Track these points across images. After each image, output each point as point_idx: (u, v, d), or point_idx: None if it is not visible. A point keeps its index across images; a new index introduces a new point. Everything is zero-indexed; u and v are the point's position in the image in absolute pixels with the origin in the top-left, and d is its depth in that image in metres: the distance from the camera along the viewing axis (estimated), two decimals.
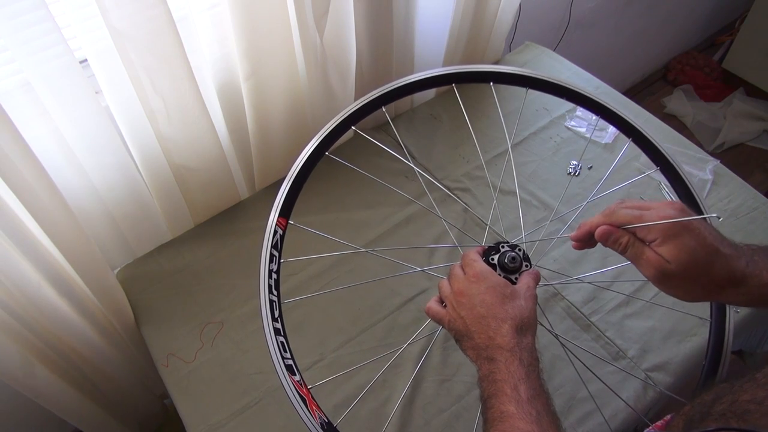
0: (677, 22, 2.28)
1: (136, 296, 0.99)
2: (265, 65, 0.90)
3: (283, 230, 0.69)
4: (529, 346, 0.55)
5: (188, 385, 0.89)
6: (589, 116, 1.24)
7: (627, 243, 0.55)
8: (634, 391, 0.87)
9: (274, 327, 0.63)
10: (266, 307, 0.63)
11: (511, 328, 0.55)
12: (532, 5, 1.50)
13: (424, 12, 1.12)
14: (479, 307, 0.57)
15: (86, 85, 0.74)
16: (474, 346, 0.57)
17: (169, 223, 1.04)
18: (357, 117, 0.74)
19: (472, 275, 0.60)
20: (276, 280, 0.65)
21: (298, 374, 0.62)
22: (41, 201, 0.74)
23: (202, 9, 0.83)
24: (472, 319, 0.58)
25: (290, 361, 0.62)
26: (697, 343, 0.92)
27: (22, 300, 0.79)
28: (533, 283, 0.61)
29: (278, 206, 0.70)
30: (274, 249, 0.67)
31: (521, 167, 1.16)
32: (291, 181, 0.71)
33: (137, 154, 0.89)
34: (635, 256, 0.55)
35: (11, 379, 0.82)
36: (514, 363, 0.53)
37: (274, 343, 0.62)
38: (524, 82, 0.79)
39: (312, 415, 0.59)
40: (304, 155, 0.72)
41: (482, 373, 0.55)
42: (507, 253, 0.63)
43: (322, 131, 0.73)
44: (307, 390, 0.61)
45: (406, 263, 0.92)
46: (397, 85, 0.76)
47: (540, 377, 0.54)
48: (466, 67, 0.78)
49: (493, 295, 0.58)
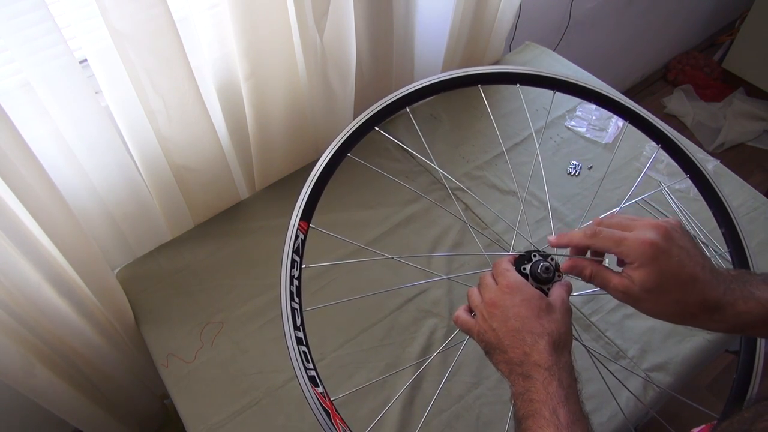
0: (677, 22, 2.28)
1: (136, 296, 0.99)
2: (265, 65, 0.90)
3: (305, 234, 0.65)
4: (568, 365, 0.53)
5: (188, 385, 0.89)
6: (589, 116, 1.24)
7: (590, 274, 0.56)
8: (635, 390, 0.87)
9: (296, 336, 0.59)
10: (288, 314, 0.60)
11: (548, 344, 0.53)
12: (532, 5, 1.50)
13: (424, 12, 1.12)
14: (513, 320, 0.55)
15: (86, 85, 0.74)
16: (507, 361, 0.55)
17: (169, 223, 1.04)
18: (380, 117, 0.72)
19: (505, 286, 0.57)
20: (298, 287, 0.62)
21: (321, 386, 0.58)
22: (41, 201, 0.74)
23: (202, 9, 0.83)
24: (505, 332, 0.55)
25: (313, 372, 0.58)
26: (697, 343, 0.92)
27: (22, 300, 0.79)
28: (566, 296, 0.58)
29: (299, 209, 0.66)
30: (295, 254, 0.63)
31: (521, 167, 1.16)
32: (312, 184, 0.67)
33: (137, 154, 0.89)
34: (602, 283, 0.55)
35: (11, 379, 0.82)
36: (553, 384, 0.50)
37: (296, 352, 0.58)
38: (551, 84, 0.76)
39: (336, 428, 0.57)
40: (326, 156, 0.68)
41: (516, 390, 0.53)
42: (540, 263, 0.60)
43: (344, 132, 0.69)
44: (330, 403, 0.58)
45: (428, 269, 0.89)
46: (422, 85, 0.73)
47: (579, 400, 0.52)
48: (492, 68, 0.76)
49: (529, 308, 0.55)
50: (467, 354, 0.88)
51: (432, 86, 0.74)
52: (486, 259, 0.93)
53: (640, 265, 0.51)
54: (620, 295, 0.54)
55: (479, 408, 0.86)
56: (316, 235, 0.68)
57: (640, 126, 0.78)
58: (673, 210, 1.08)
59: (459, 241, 1.05)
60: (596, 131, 1.22)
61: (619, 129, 1.21)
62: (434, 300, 0.97)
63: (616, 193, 1.10)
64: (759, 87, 2.34)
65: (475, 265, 1.02)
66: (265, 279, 1.00)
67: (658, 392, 0.87)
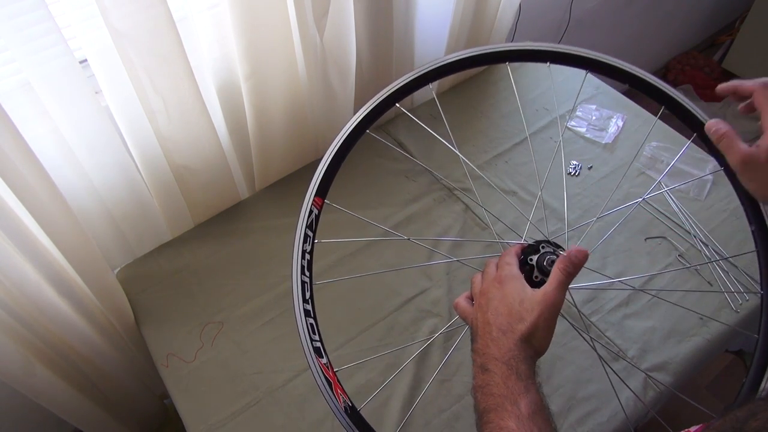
0: (677, 22, 2.28)
1: (136, 296, 0.99)
2: (265, 65, 0.90)
3: (319, 210, 0.66)
4: (528, 358, 0.53)
5: (188, 385, 0.89)
6: (589, 116, 1.24)
7: (723, 134, 0.65)
8: (635, 390, 0.87)
9: (304, 308, 0.62)
10: (298, 287, 0.62)
11: (511, 340, 0.54)
12: (532, 5, 1.50)
13: (424, 12, 1.12)
14: (490, 313, 0.57)
15: (86, 85, 0.74)
16: (476, 349, 0.57)
17: (169, 223, 1.04)
18: (402, 93, 0.71)
19: (497, 278, 0.59)
20: (309, 261, 0.64)
21: (325, 357, 0.61)
22: (41, 201, 0.74)
23: (202, 9, 0.83)
24: (482, 323, 0.57)
25: (318, 343, 0.61)
26: (696, 343, 0.92)
27: (22, 300, 0.79)
28: (550, 294, 0.54)
29: (315, 185, 0.67)
30: (308, 229, 0.65)
31: (521, 167, 1.16)
32: (330, 159, 0.67)
33: (137, 154, 0.89)
34: (728, 146, 0.64)
35: (11, 379, 0.82)
36: (512, 377, 0.52)
37: (303, 324, 0.61)
38: (583, 63, 0.76)
39: (336, 398, 0.59)
40: (345, 131, 0.68)
41: (477, 382, 0.55)
42: (547, 255, 0.59)
43: (366, 107, 0.69)
44: (333, 373, 0.61)
45: (440, 251, 0.89)
46: (447, 61, 0.71)
47: (539, 391, 0.53)
48: (523, 45, 0.75)
49: (505, 304, 0.56)
50: (467, 354, 0.88)
51: (458, 62, 0.72)
52: (499, 247, 0.93)
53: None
54: (740, 163, 0.62)
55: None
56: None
57: (678, 113, 0.77)
58: (673, 210, 1.08)
59: (458, 243, 1.05)
60: (596, 131, 1.22)
61: (619, 129, 1.21)
62: (434, 300, 0.97)
63: (616, 193, 1.10)
64: None
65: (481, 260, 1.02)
66: (265, 279, 1.01)
67: (658, 392, 0.87)
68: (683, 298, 0.97)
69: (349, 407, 0.59)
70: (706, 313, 0.95)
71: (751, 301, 0.97)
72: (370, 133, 0.70)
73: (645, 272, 1.00)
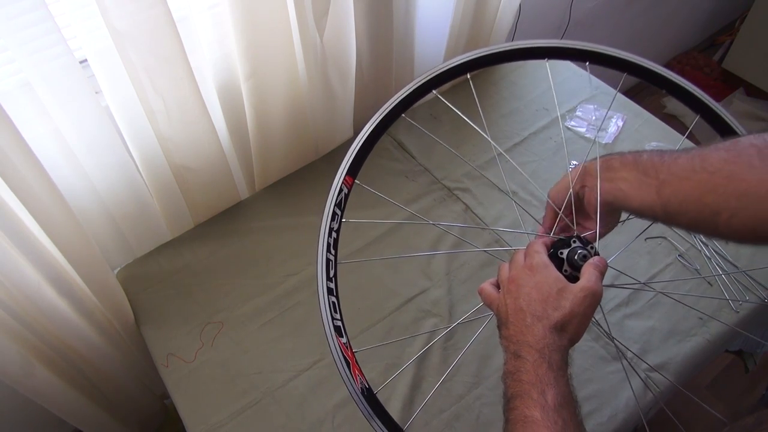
0: (677, 22, 2.28)
1: (136, 296, 0.99)
2: (265, 65, 0.90)
3: (349, 189, 0.67)
4: (562, 348, 0.53)
5: (188, 385, 0.89)
6: (589, 116, 1.24)
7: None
8: (635, 390, 0.87)
9: (327, 286, 0.62)
10: (323, 264, 0.62)
11: (545, 328, 0.53)
12: (532, 5, 1.50)
13: (424, 12, 1.12)
14: (522, 299, 0.56)
15: (86, 85, 0.74)
16: (507, 336, 0.56)
17: (169, 223, 1.04)
18: (439, 81, 0.71)
19: (528, 265, 0.59)
20: (335, 239, 0.64)
21: (345, 336, 0.61)
22: (41, 201, 0.74)
23: (202, 9, 0.83)
24: (513, 309, 0.57)
25: (339, 322, 0.62)
26: (696, 343, 0.92)
27: (22, 300, 0.79)
28: (593, 283, 0.56)
29: (347, 164, 0.67)
30: (337, 207, 0.65)
31: (521, 167, 1.16)
32: (364, 138, 0.68)
33: (137, 154, 0.89)
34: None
35: (11, 380, 0.82)
36: (543, 366, 0.51)
37: (325, 302, 0.62)
38: (622, 67, 0.77)
39: (354, 379, 0.59)
40: (383, 111, 0.68)
41: (507, 368, 0.55)
42: (578, 249, 0.60)
43: (405, 89, 0.69)
44: (352, 353, 0.61)
45: (467, 240, 0.93)
46: (485, 53, 0.73)
47: (569, 383, 0.52)
48: (561, 43, 0.76)
49: (539, 291, 0.56)
50: (467, 354, 0.88)
51: (498, 54, 0.73)
52: (527, 238, 0.93)
53: None
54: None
55: (479, 408, 0.86)
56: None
57: (692, 105, 0.76)
58: None
59: (459, 242, 1.05)
60: (596, 131, 1.21)
61: (619, 129, 1.21)
62: (434, 300, 0.97)
63: None
64: (759, 87, 2.34)
65: (482, 260, 1.02)
66: (265, 279, 1.00)
67: (659, 392, 0.87)
68: (683, 299, 0.97)
69: (366, 389, 0.59)
70: (706, 313, 0.95)
71: (751, 302, 0.97)
72: (405, 117, 0.70)
73: (645, 272, 1.00)
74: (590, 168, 0.63)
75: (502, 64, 0.74)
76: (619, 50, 0.76)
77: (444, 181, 1.14)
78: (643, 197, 0.56)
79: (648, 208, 0.56)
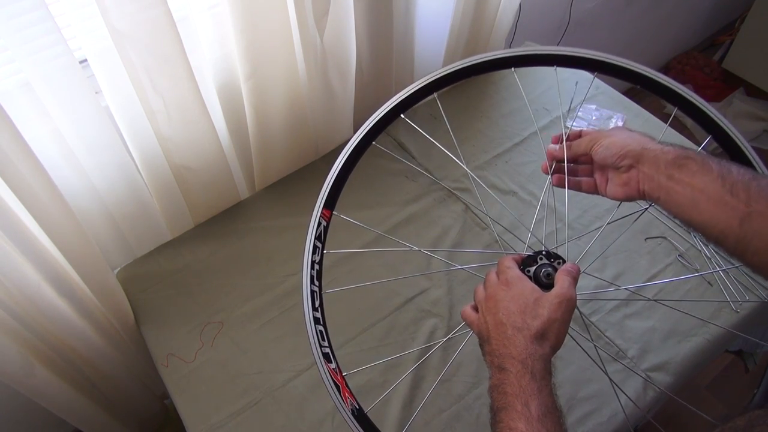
0: (677, 23, 2.28)
1: (136, 296, 0.99)
2: (265, 65, 0.90)
3: (327, 222, 0.70)
4: (544, 356, 0.54)
5: (188, 385, 0.89)
6: (589, 116, 1.24)
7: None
8: (635, 391, 0.87)
9: (314, 316, 0.65)
10: (308, 296, 0.65)
11: (526, 337, 0.54)
12: (532, 5, 1.50)
13: (424, 12, 1.12)
14: (501, 313, 0.57)
15: (86, 85, 0.74)
16: (490, 351, 0.57)
17: (169, 223, 1.04)
18: (407, 104, 0.74)
19: (503, 281, 0.61)
20: (318, 271, 0.67)
21: (334, 362, 0.64)
22: (41, 201, 0.74)
23: (202, 9, 0.83)
24: (493, 325, 0.58)
25: (327, 349, 0.64)
26: (696, 344, 0.92)
27: (22, 300, 0.79)
28: (566, 289, 0.57)
29: (323, 198, 0.70)
30: (317, 240, 0.68)
31: (521, 167, 1.16)
32: (337, 171, 0.70)
33: (137, 154, 0.89)
34: None
35: (11, 380, 0.82)
36: (526, 377, 0.52)
37: (313, 331, 0.64)
38: (629, 77, 0.79)
39: (344, 401, 0.62)
40: (351, 144, 0.70)
41: (493, 382, 0.55)
42: (543, 267, 0.62)
43: (372, 118, 0.71)
44: (341, 377, 0.63)
45: (449, 261, 0.92)
46: (443, 73, 0.76)
47: (552, 392, 0.53)
48: (575, 51, 0.79)
49: (517, 303, 0.57)
50: (467, 354, 0.88)
51: (482, 65, 0.77)
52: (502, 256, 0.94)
53: None
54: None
55: (479, 408, 0.86)
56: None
57: (691, 114, 0.77)
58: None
59: (459, 242, 1.05)
60: None
61: None
62: (434, 300, 0.97)
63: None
64: (759, 87, 2.34)
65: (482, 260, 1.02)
66: (265, 279, 1.00)
67: (658, 392, 0.87)
68: (679, 305, 0.97)
69: (356, 409, 0.62)
70: (705, 316, 0.95)
71: (751, 302, 0.97)
72: (376, 145, 0.72)
73: (645, 272, 1.00)
74: (647, 155, 0.58)
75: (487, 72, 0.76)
76: (631, 61, 0.76)
77: (444, 181, 1.14)
78: (718, 218, 0.50)
79: (719, 231, 0.51)
